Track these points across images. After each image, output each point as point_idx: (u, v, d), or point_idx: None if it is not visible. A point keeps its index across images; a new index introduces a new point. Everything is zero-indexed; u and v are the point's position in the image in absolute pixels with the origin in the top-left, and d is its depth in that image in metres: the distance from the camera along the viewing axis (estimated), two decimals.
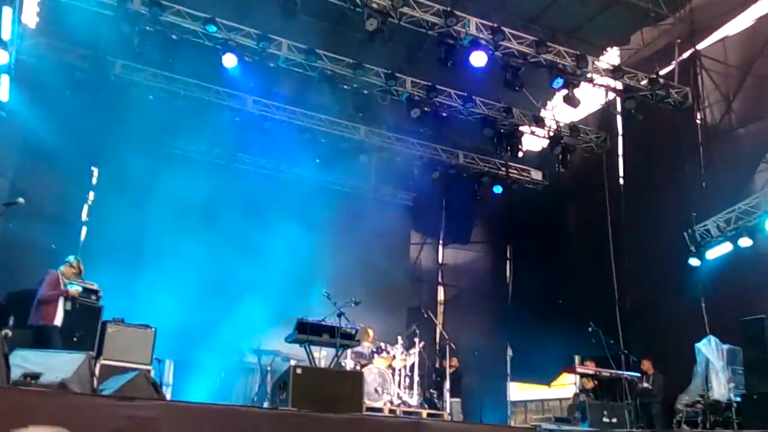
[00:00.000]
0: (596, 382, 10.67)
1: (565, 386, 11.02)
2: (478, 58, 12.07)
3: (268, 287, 12.87)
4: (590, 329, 10.17)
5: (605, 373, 10.41)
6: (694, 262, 11.60)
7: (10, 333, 7.28)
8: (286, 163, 16.09)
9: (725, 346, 10.15)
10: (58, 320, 8.37)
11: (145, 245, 12.74)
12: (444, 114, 14.39)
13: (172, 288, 11.73)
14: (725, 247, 11.27)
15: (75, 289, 8.62)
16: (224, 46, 12.12)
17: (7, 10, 9.53)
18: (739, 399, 9.33)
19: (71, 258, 8.86)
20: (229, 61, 12.07)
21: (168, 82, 13.49)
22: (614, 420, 9.32)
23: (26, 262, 10.75)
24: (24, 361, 5.32)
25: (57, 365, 5.38)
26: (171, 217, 12.79)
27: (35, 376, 5.13)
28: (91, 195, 13.06)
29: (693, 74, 13.67)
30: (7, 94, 10.69)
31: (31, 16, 11.93)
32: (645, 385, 11.10)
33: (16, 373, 5.05)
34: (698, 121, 13.45)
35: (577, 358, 10.37)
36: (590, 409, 9.55)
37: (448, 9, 11.82)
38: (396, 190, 18.08)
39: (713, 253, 11.43)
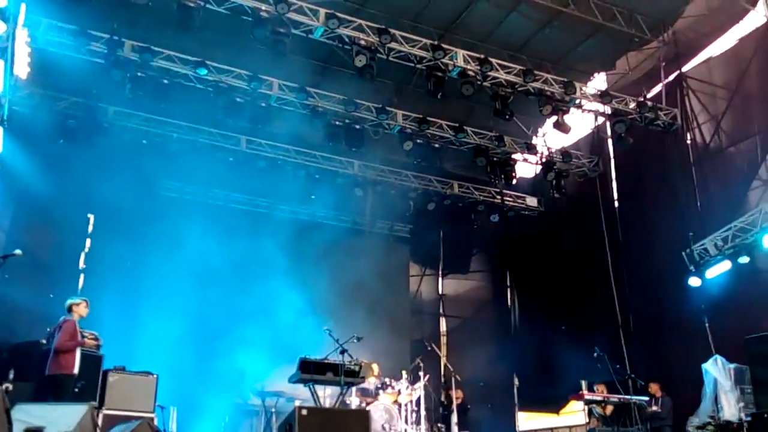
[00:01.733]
0: (612, 408, 10.55)
1: (575, 413, 10.86)
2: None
3: (269, 327, 12.77)
4: (596, 354, 10.09)
5: (614, 398, 10.29)
6: (694, 281, 11.57)
7: (11, 387, 7.18)
8: (282, 201, 16.11)
9: (732, 366, 10.08)
10: (76, 369, 8.24)
11: (144, 290, 12.66)
12: (436, 145, 14.50)
13: (172, 333, 11.64)
14: (724, 266, 11.25)
15: (92, 341, 8.57)
16: (215, 88, 12.23)
17: None
18: (749, 418, 9.23)
19: (79, 299, 8.73)
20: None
21: (161, 126, 13.58)
22: None
23: (24, 314, 10.64)
24: (26, 415, 5.24)
25: (59, 418, 5.30)
26: (168, 260, 12.74)
27: (38, 431, 5.05)
28: (88, 242, 13.01)
29: (680, 95, 13.85)
30: (0, 145, 10.71)
31: (22, 67, 11.99)
32: (654, 408, 10.98)
33: (18, 429, 4.97)
34: (688, 142, 13.58)
35: (584, 383, 10.23)
36: None
37: (436, 42, 12.01)
38: (392, 223, 18.09)
39: (713, 272, 11.41)
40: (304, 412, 7.29)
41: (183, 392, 11.07)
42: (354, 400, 10.64)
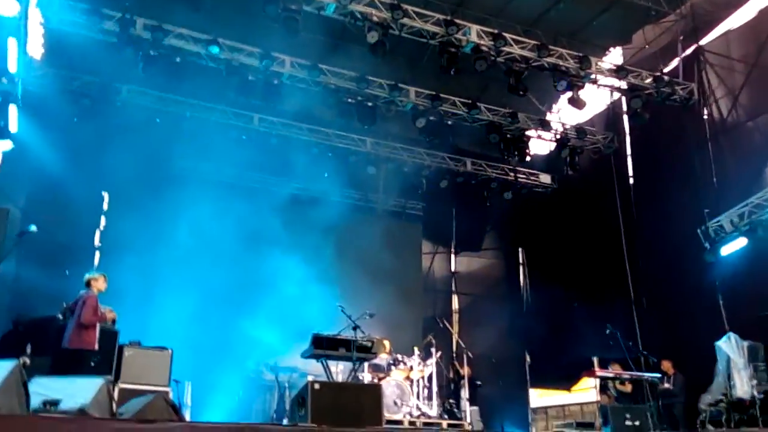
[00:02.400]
0: (632, 386, 10.56)
1: (587, 390, 10.87)
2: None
3: (282, 303, 12.86)
4: (608, 332, 10.08)
5: (626, 375, 10.30)
6: (709, 258, 11.49)
7: (28, 361, 7.29)
8: (295, 178, 16.10)
9: (745, 343, 10.03)
10: (97, 345, 8.40)
11: (158, 267, 12.76)
12: (449, 122, 14.40)
13: (187, 308, 11.76)
14: (740, 243, 11.16)
15: (111, 315, 8.67)
16: (227, 66, 12.21)
17: (12, 42, 9.62)
18: (762, 396, 9.21)
19: (98, 273, 8.83)
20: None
21: (174, 104, 13.62)
22: (637, 423, 9.15)
23: (40, 290, 10.79)
24: (43, 388, 5.32)
25: (76, 391, 5.37)
26: (183, 237, 12.84)
27: (54, 403, 5.13)
28: (103, 220, 13.13)
29: (697, 70, 13.64)
30: (16, 125, 10.79)
31: (36, 47, 12.05)
32: (666, 385, 10.98)
33: (35, 401, 5.06)
34: (705, 117, 13.41)
35: (596, 360, 10.23)
36: (612, 413, 9.42)
37: (448, 18, 11.87)
38: (405, 201, 18.08)
39: (728, 249, 11.33)
40: (317, 386, 7.33)
41: (197, 367, 11.20)
42: (366, 376, 10.70)
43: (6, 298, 10.96)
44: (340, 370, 11.00)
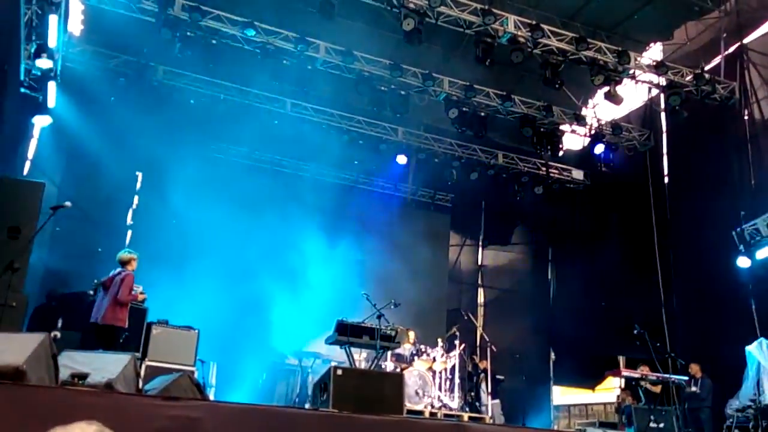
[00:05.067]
0: (661, 387, 10.39)
1: (611, 390, 10.75)
2: None
3: (309, 289, 12.93)
4: (635, 332, 9.92)
5: (652, 376, 10.14)
6: (743, 262, 11.25)
7: (59, 335, 7.44)
8: (325, 165, 16.12)
9: None
10: (127, 322, 8.60)
11: (189, 248, 12.90)
12: (482, 114, 14.26)
13: (215, 291, 11.88)
14: None
15: (142, 296, 8.92)
16: (263, 49, 12.23)
17: (53, 18, 9.77)
18: None
19: (135, 253, 8.99)
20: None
21: (209, 86, 13.70)
22: (661, 425, 9.02)
23: (73, 266, 10.99)
24: (72, 361, 5.41)
25: (104, 366, 5.45)
26: (214, 220, 12.97)
27: (83, 376, 5.21)
28: (136, 199, 13.31)
29: (740, 69, 13.28)
30: (54, 100, 10.98)
31: (76, 24, 12.22)
32: (693, 389, 10.78)
33: (64, 373, 5.15)
34: (746, 117, 13.06)
35: (621, 360, 10.09)
36: (636, 414, 9.29)
37: (486, 7, 11.71)
38: (434, 191, 18.00)
39: (763, 253, 11.07)
40: (340, 372, 7.35)
41: (223, 348, 11.34)
42: (389, 365, 10.72)
43: (40, 272, 11.18)
44: (362, 358, 11.02)
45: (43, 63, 10.13)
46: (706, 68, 13.44)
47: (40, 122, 11.27)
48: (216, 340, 10.53)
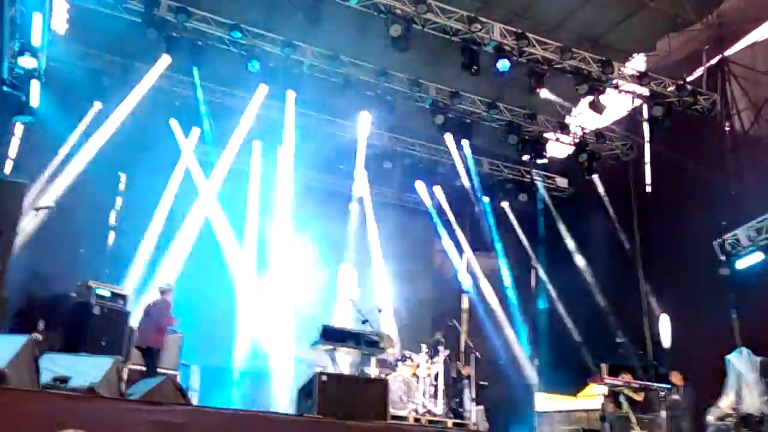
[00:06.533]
0: (644, 394, 10.46)
1: (593, 397, 10.78)
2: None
3: (293, 294, 12.87)
4: (618, 340, 10.00)
5: (634, 383, 10.20)
6: (724, 272, 11.35)
7: (40, 337, 7.34)
8: (313, 170, 16.04)
9: (758, 359, 9.90)
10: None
11: (172, 249, 12.79)
12: (468, 120, 14.33)
13: (198, 294, 11.78)
14: (756, 257, 11.02)
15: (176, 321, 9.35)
16: (249, 52, 12.18)
17: (37, 17, 9.66)
18: None
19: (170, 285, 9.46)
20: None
21: (193, 88, 13.58)
22: None
23: (55, 267, 10.85)
24: (53, 364, 5.34)
25: (86, 369, 5.39)
26: (196, 223, 12.86)
27: (64, 380, 5.15)
28: (119, 201, 13.17)
29: (721, 80, 13.46)
30: (37, 99, 10.83)
31: (61, 23, 12.08)
32: (675, 397, 10.85)
33: (45, 376, 5.08)
34: (726, 128, 13.23)
35: (604, 367, 10.15)
36: (617, 422, 9.34)
37: (472, 15, 11.79)
38: (420, 197, 18.01)
39: (744, 263, 11.19)
40: (324, 378, 7.33)
41: (206, 353, 11.25)
42: (373, 371, 10.68)
43: (22, 274, 11.01)
44: (347, 363, 10.97)
45: (27, 62, 10.01)
46: (688, 80, 13.62)
47: (23, 121, 11.12)
48: (199, 344, 10.49)
